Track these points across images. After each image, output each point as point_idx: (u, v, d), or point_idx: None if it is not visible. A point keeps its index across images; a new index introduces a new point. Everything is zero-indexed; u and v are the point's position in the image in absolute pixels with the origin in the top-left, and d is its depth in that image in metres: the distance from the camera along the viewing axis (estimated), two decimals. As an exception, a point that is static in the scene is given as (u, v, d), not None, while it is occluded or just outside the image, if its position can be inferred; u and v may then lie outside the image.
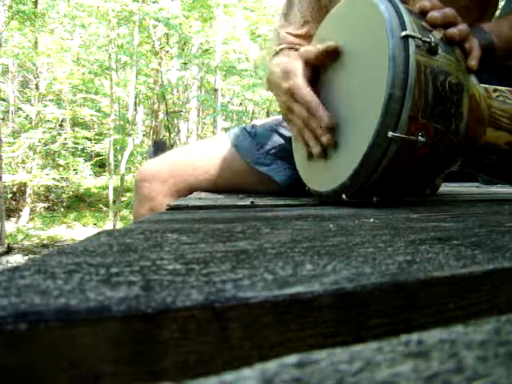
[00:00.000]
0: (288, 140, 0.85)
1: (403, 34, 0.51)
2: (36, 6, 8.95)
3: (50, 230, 8.45)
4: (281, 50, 0.81)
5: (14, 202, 9.72)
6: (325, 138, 0.60)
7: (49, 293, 0.16)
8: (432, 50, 0.52)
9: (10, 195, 9.60)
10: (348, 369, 0.11)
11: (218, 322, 0.15)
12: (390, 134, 0.50)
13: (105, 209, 9.71)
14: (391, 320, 0.18)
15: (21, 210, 9.37)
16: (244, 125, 0.99)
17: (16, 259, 5.96)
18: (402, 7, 0.54)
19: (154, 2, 8.59)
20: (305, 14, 0.88)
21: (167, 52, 9.96)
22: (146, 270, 0.19)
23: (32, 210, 9.55)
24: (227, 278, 0.18)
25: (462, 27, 0.57)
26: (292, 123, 0.68)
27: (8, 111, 10.57)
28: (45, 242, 7.39)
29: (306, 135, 0.65)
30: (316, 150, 0.63)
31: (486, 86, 0.65)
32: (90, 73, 9.57)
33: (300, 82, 0.63)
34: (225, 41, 9.50)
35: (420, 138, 0.51)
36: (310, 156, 0.66)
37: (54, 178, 9.33)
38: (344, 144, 0.59)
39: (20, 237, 7.71)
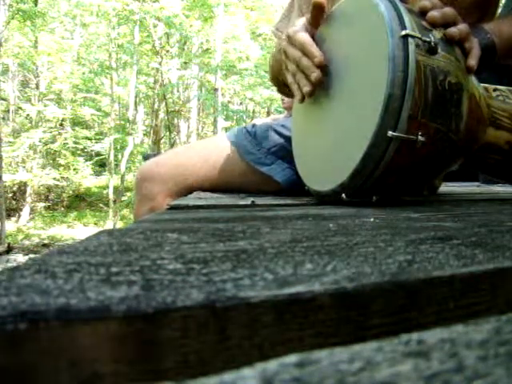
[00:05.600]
0: (288, 140, 0.85)
1: (403, 33, 0.51)
2: (36, 5, 8.95)
3: (50, 229, 8.46)
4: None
5: (14, 202, 9.73)
6: (315, 74, 0.62)
7: (49, 292, 0.16)
8: (432, 50, 0.52)
9: (10, 195, 9.61)
10: (348, 368, 0.11)
11: (218, 322, 0.15)
12: (390, 133, 0.50)
13: (105, 208, 9.72)
14: (391, 319, 0.18)
15: (21, 210, 9.38)
16: (244, 124, 0.99)
17: (16, 258, 5.97)
18: (401, 7, 0.54)
19: (154, 2, 8.58)
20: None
21: (167, 51, 9.96)
22: (147, 270, 0.19)
23: (32, 210, 9.56)
24: (227, 277, 0.18)
25: (462, 27, 0.57)
26: (287, 70, 0.70)
27: (8, 111, 10.58)
28: (45, 242, 7.39)
29: (297, 76, 0.66)
30: (307, 88, 0.64)
31: (486, 85, 0.65)
32: (90, 72, 9.57)
33: (298, 28, 0.66)
34: (225, 40, 9.50)
35: (420, 137, 0.51)
36: (303, 99, 0.68)
37: (54, 178, 9.34)
38: (344, 143, 0.59)
39: (20, 236, 7.71)
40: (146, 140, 11.17)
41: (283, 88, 0.95)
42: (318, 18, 0.67)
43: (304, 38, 0.64)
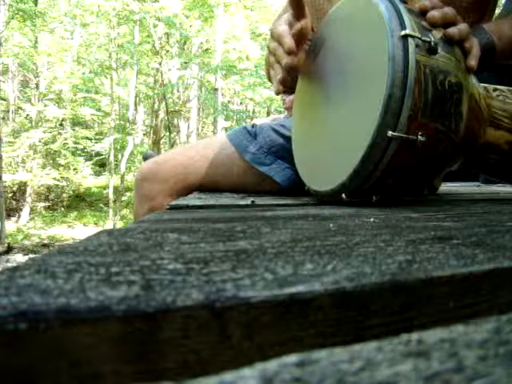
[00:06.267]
0: (288, 139, 0.85)
1: (403, 33, 0.51)
2: (36, 5, 8.95)
3: (50, 229, 8.46)
4: None
5: (14, 202, 9.73)
6: (285, 60, 0.62)
7: (49, 292, 0.16)
8: (432, 50, 0.52)
9: (10, 195, 9.61)
10: (348, 368, 0.11)
11: (218, 322, 0.15)
12: (390, 133, 0.50)
13: (105, 208, 9.72)
14: (391, 319, 0.18)
15: (21, 210, 9.38)
16: (244, 124, 0.99)
17: (16, 258, 5.97)
18: (401, 7, 0.54)
19: (154, 2, 8.58)
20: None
21: (167, 51, 9.96)
22: (146, 270, 0.19)
23: (32, 210, 9.56)
24: (227, 277, 0.18)
25: (462, 27, 0.57)
26: (268, 64, 0.69)
27: (8, 111, 10.58)
28: (45, 242, 7.40)
29: (274, 66, 0.66)
30: (279, 76, 0.64)
31: (486, 85, 0.65)
32: (90, 72, 9.58)
33: (280, 22, 0.66)
34: (225, 40, 9.50)
35: (420, 137, 0.51)
36: (279, 91, 0.66)
37: (54, 178, 9.34)
38: (344, 143, 0.59)
39: (20, 236, 7.71)
40: (146, 140, 11.16)
41: None
42: (298, 10, 0.67)
43: (281, 29, 0.64)
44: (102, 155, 10.53)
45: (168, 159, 0.93)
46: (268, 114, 11.20)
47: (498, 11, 1.00)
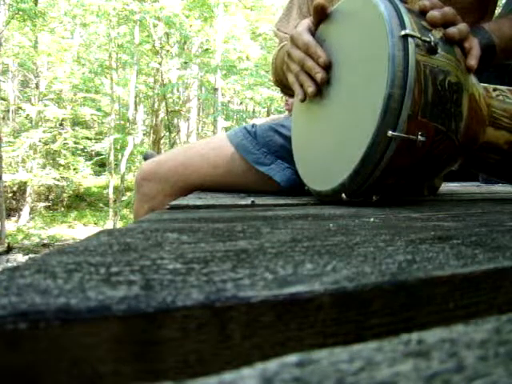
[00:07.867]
0: (288, 140, 0.85)
1: (403, 33, 0.51)
2: (36, 5, 8.95)
3: (50, 229, 8.46)
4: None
5: (14, 202, 9.73)
6: (319, 75, 0.63)
7: (49, 292, 0.16)
8: (431, 50, 0.52)
9: (10, 194, 9.61)
10: (348, 368, 0.11)
11: (218, 322, 0.15)
12: (390, 133, 0.50)
13: (105, 208, 9.72)
14: (391, 319, 0.18)
15: (21, 210, 9.38)
16: (244, 124, 0.99)
17: (16, 258, 5.97)
18: (401, 6, 0.54)
19: (154, 2, 8.58)
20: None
21: (167, 51, 9.96)
22: (146, 270, 0.19)
23: (32, 210, 9.56)
24: (227, 277, 0.18)
25: (462, 26, 0.57)
26: (289, 70, 0.70)
27: (8, 110, 10.58)
28: (45, 242, 7.40)
29: (300, 77, 0.67)
30: (311, 89, 0.65)
31: (486, 85, 0.65)
32: (90, 72, 9.58)
33: (301, 29, 0.67)
34: (225, 40, 9.50)
35: (420, 137, 0.51)
36: (304, 99, 0.68)
37: (54, 178, 9.34)
38: (344, 143, 0.59)
39: (20, 236, 7.71)
40: (146, 140, 11.16)
41: (287, 89, 0.95)
42: (320, 21, 0.67)
43: (308, 39, 0.65)
44: (102, 155, 10.52)
45: (168, 159, 0.94)
46: (268, 113, 11.20)
47: (497, 11, 1.00)
